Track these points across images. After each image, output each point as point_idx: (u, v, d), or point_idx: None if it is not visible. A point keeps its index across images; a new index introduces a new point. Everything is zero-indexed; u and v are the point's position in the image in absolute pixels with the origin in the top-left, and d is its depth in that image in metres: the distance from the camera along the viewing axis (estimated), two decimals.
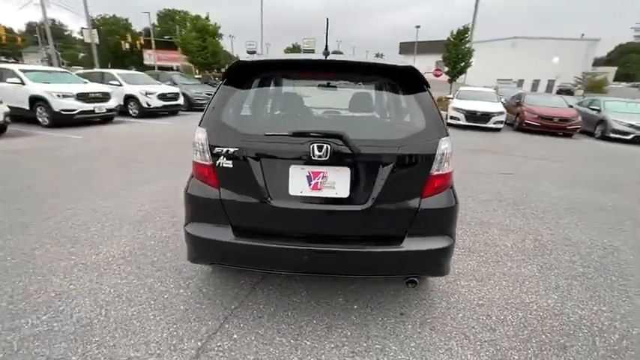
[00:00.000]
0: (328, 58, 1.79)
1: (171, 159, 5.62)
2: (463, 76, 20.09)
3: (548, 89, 37.51)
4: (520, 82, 37.07)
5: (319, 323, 1.98)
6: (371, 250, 1.75)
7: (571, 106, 11.70)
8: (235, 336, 1.86)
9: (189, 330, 1.88)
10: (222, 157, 1.76)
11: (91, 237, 2.91)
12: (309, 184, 1.73)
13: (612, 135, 10.28)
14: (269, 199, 1.75)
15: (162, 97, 11.05)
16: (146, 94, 10.70)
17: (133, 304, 2.08)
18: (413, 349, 1.82)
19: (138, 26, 52.97)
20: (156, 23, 52.05)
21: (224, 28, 26.79)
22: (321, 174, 1.72)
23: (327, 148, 1.65)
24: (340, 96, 1.99)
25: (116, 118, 9.70)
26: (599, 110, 11.12)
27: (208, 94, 13.76)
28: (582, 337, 1.97)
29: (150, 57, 42.40)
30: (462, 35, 19.30)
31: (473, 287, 2.39)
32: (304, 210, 1.75)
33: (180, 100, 11.79)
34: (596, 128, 10.88)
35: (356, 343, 1.84)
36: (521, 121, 11.10)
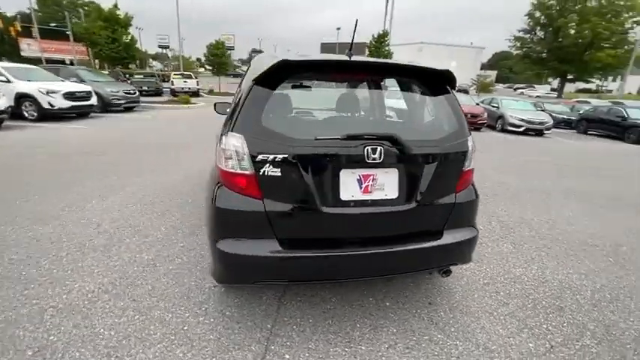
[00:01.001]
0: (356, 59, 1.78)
1: (106, 170, 4.76)
2: None
3: None
4: None
5: (363, 326, 1.97)
6: (419, 246, 1.81)
7: (478, 104, 13.72)
8: (287, 356, 1.73)
9: None
10: (267, 165, 1.60)
11: (49, 273, 2.33)
12: (360, 188, 1.70)
13: (509, 128, 12.41)
14: (320, 206, 1.66)
15: (70, 96, 9.30)
16: (47, 92, 8.86)
17: (149, 344, 1.75)
18: (455, 333, 1.95)
19: (9, 9, 43.23)
20: (36, 7, 43.26)
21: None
22: (371, 176, 1.71)
23: (380, 150, 1.65)
24: (373, 97, 1.99)
25: (7, 122, 7.83)
26: (498, 107, 13.30)
27: (128, 94, 12.14)
28: (568, 297, 2.37)
29: (30, 47, 35.09)
30: (382, 39, 20.89)
31: (474, 269, 2.66)
32: (356, 214, 1.72)
33: (94, 100, 10.12)
34: (497, 122, 12.99)
35: (406, 339, 1.89)
36: None
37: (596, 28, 31.76)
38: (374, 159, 1.65)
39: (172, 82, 19.94)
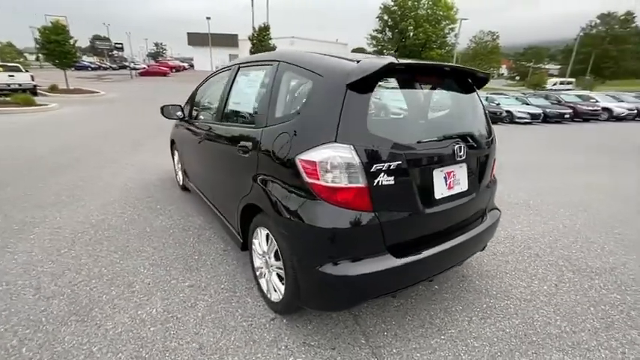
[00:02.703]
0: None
1: None
2: None
3: None
4: None
5: (436, 313, 2.10)
6: (480, 229, 2.04)
7: None
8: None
9: None
10: (382, 174, 1.51)
11: None
12: (446, 185, 1.80)
13: None
14: (422, 208, 1.69)
15: None
16: None
17: None
18: (496, 294, 2.31)
19: None
20: None
21: None
22: (452, 172, 1.83)
23: (463, 147, 1.78)
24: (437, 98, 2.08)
25: None
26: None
27: None
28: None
29: None
30: (263, 32, 20.68)
31: None
32: (445, 210, 1.80)
33: None
34: None
35: (475, 310, 2.13)
36: None
37: (427, 32, 39.80)
38: (460, 156, 1.77)
39: None
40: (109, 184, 4.29)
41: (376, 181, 1.51)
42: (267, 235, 1.94)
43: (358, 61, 1.59)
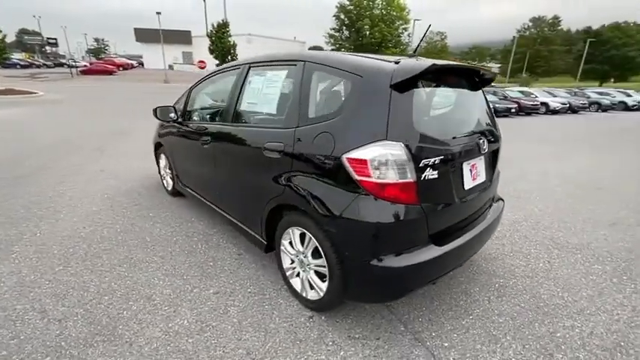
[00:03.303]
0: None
1: None
2: None
3: None
4: None
5: (459, 295, 2.27)
6: (495, 216, 2.23)
7: None
8: (455, 353, 1.84)
9: None
10: (427, 169, 1.61)
11: None
12: (471, 176, 1.95)
13: None
14: (456, 199, 1.81)
15: None
16: None
17: None
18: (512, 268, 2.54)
19: None
20: None
21: None
22: (475, 165, 1.98)
23: (485, 141, 1.94)
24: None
25: None
26: None
27: None
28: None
29: None
30: (222, 29, 20.00)
31: None
32: (472, 199, 1.95)
33: None
34: None
35: (494, 286, 2.32)
36: None
37: (382, 32, 41.19)
38: (483, 150, 1.93)
39: None
40: (85, 194, 3.94)
41: (423, 175, 1.60)
42: (303, 235, 1.95)
43: (397, 62, 1.66)
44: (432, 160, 1.62)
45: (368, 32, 42.96)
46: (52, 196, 3.82)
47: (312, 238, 1.84)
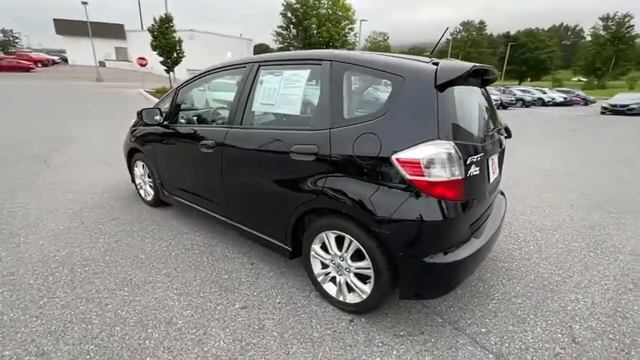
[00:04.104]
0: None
1: None
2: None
3: None
4: None
5: (477, 283, 2.41)
6: (505, 207, 2.42)
7: None
8: (494, 337, 1.94)
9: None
10: (472, 165, 1.69)
11: None
12: (492, 171, 2.08)
13: None
14: (486, 192, 1.92)
15: None
16: None
17: None
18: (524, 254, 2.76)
19: None
20: None
21: None
22: (494, 160, 2.12)
23: (503, 137, 2.09)
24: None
25: None
26: None
27: None
28: None
29: None
30: (165, 24, 18.59)
31: None
32: (491, 193, 2.09)
33: None
34: None
35: (500, 275, 2.51)
36: None
37: (330, 31, 41.89)
38: (502, 145, 2.07)
39: None
40: (42, 211, 3.40)
41: (469, 172, 1.67)
42: (339, 238, 1.92)
43: (435, 63, 1.70)
44: (476, 156, 1.70)
45: (315, 31, 43.35)
46: (3, 217, 3.23)
47: (354, 240, 1.82)
